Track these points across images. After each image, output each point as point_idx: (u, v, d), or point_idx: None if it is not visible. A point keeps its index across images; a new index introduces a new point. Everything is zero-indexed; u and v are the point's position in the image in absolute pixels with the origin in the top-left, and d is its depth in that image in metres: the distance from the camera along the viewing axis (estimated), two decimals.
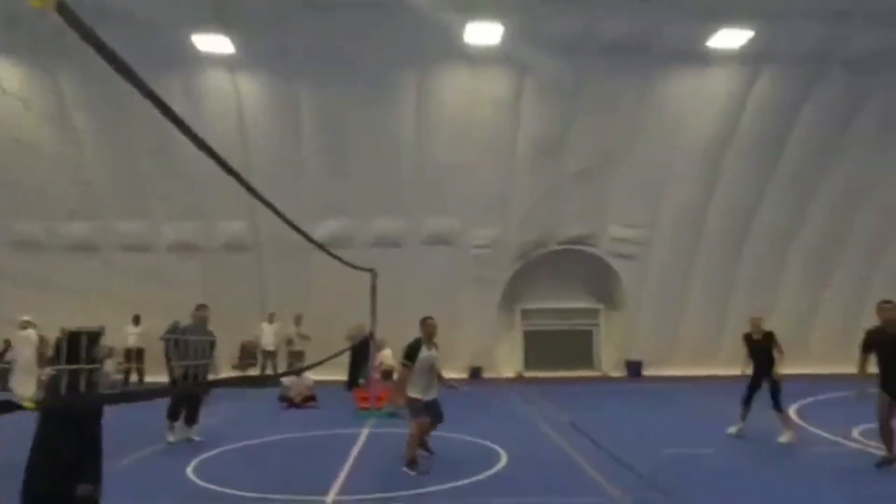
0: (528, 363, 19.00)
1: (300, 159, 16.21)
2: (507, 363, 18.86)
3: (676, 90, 16.02)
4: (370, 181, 16.31)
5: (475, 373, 18.24)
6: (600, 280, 18.65)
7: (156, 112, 2.86)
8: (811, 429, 10.15)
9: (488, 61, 15.39)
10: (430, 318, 8.13)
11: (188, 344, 9.04)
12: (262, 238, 16.31)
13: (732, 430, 9.50)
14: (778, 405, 9.24)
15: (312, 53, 14.75)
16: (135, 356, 16.67)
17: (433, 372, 7.98)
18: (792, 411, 11.71)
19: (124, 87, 2.56)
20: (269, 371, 15.86)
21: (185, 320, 10.38)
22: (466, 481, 7.06)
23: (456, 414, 11.68)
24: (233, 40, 14.34)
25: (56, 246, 16.49)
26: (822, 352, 18.03)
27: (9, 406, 1.59)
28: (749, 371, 9.61)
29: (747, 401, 9.49)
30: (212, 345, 9.43)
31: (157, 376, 15.12)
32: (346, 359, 14.50)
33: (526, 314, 19.03)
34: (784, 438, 9.03)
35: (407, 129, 16.07)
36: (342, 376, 15.06)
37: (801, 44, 14.93)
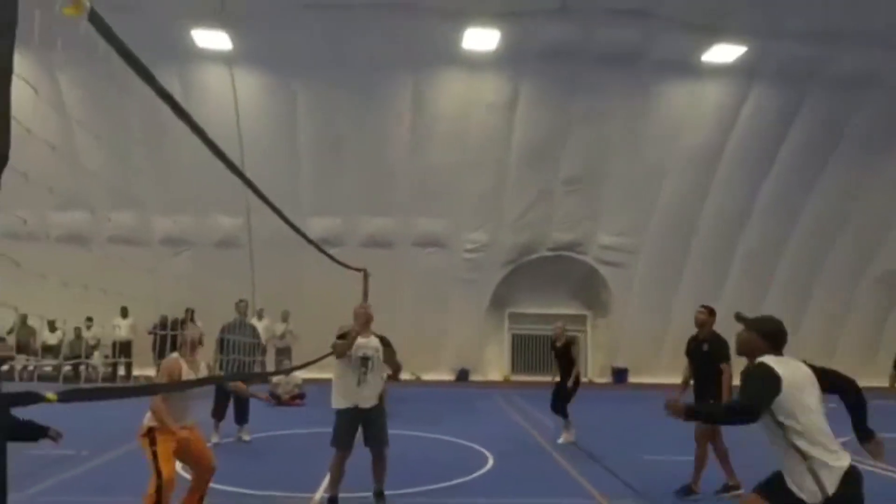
0: (515, 367, 19.14)
1: (294, 157, 16.26)
2: (494, 366, 18.99)
3: (669, 101, 16.24)
4: (363, 181, 16.40)
5: (462, 374, 18.36)
6: (588, 286, 18.83)
7: (152, 105, 2.87)
8: None
9: (484, 66, 15.52)
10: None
11: (233, 341, 8.92)
12: (254, 234, 16.32)
13: (561, 440, 9.56)
14: (563, 410, 9.59)
15: (309, 52, 14.81)
16: (123, 349, 16.62)
17: (371, 368, 6.08)
18: None
19: (122, 81, 2.54)
20: (257, 367, 15.87)
21: (173, 314, 10.36)
22: (454, 482, 7.15)
23: (442, 415, 11.79)
24: (231, 36, 14.37)
25: (47, 236, 16.41)
26: None
27: (31, 398, 1.62)
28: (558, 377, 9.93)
29: (562, 408, 9.66)
30: (255, 345, 9.22)
31: (145, 369, 15.11)
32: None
33: (514, 318, 19.18)
34: (562, 439, 9.46)
35: (402, 129, 16.17)
36: (330, 374, 15.09)
37: (792, 61, 15.18)
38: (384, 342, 6.28)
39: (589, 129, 16.28)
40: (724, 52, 14.93)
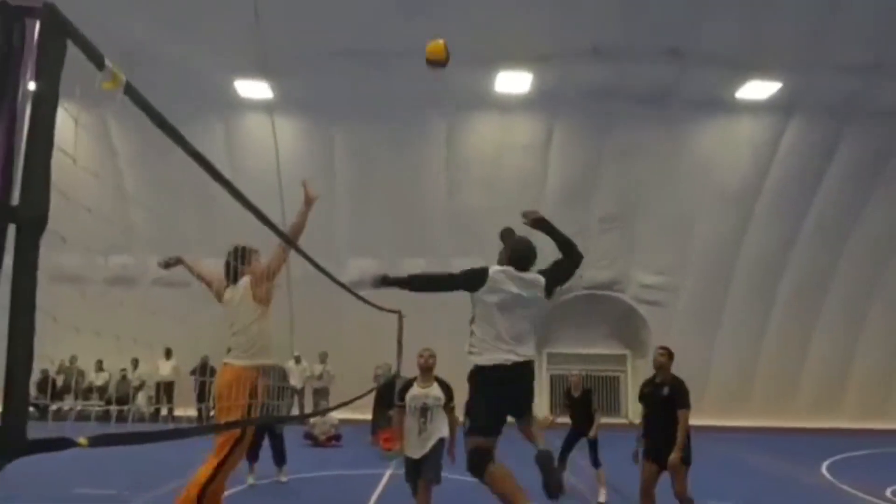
0: (554, 408, 18.83)
1: (332, 200, 16.59)
2: (533, 407, 18.72)
3: (704, 138, 16.18)
4: (399, 223, 16.64)
5: None
6: (627, 326, 18.56)
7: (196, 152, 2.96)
8: (843, 486, 9.90)
9: (518, 109, 15.75)
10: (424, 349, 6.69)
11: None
12: (292, 276, 16.64)
13: (602, 498, 8.71)
14: (596, 461, 8.85)
15: (346, 98, 15.27)
16: (165, 389, 16.93)
17: (430, 419, 6.25)
18: (823, 468, 11.47)
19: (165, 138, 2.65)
20: (295, 409, 15.99)
21: (214, 356, 10.53)
22: None
23: None
24: (272, 86, 14.93)
25: (95, 280, 17.01)
26: (857, 406, 17.63)
27: (63, 443, 1.64)
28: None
29: (563, 456, 8.83)
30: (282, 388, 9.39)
31: (187, 410, 15.37)
32: (370, 400, 14.55)
33: (552, 358, 18.96)
34: (601, 497, 8.65)
35: (436, 172, 16.43)
36: (367, 415, 15.10)
37: (830, 94, 15.02)
38: (446, 391, 6.36)
39: (623, 167, 16.29)
40: (758, 89, 14.87)
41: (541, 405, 18.86)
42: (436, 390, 6.30)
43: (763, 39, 13.70)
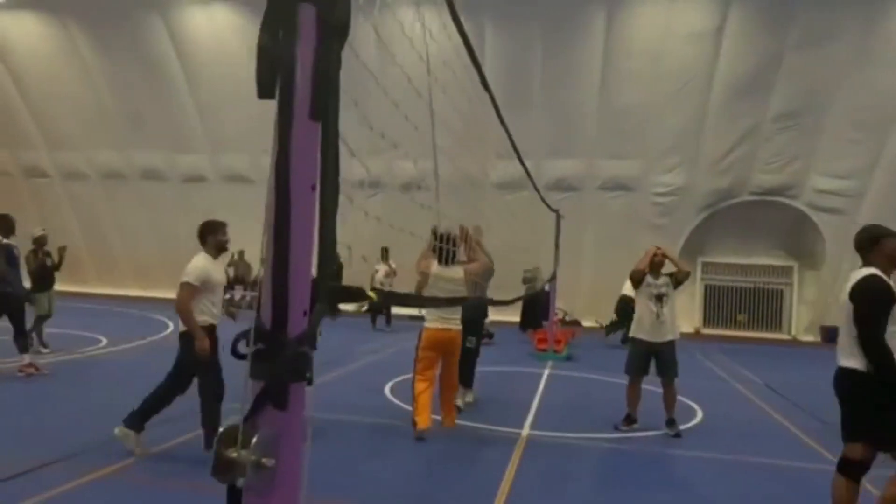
0: (708, 319, 17.96)
1: (481, 98, 16.12)
2: (684, 317, 17.88)
3: None
4: (550, 122, 15.87)
5: None
6: (797, 235, 16.95)
7: (350, 57, 2.62)
8: None
9: None
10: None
11: None
12: (440, 177, 16.57)
13: None
14: None
15: None
16: None
17: (661, 304, 6.80)
18: None
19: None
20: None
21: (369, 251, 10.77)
22: (660, 432, 6.77)
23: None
24: None
25: (258, 179, 17.89)
26: None
27: (361, 295, 1.73)
28: None
29: None
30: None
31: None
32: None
33: (707, 267, 17.88)
34: None
35: (592, 67, 15.33)
36: (512, 317, 15.12)
37: None
38: (676, 282, 7.05)
39: (809, 54, 14.29)
40: None
41: (692, 316, 18.05)
42: (664, 279, 7.01)
43: None
